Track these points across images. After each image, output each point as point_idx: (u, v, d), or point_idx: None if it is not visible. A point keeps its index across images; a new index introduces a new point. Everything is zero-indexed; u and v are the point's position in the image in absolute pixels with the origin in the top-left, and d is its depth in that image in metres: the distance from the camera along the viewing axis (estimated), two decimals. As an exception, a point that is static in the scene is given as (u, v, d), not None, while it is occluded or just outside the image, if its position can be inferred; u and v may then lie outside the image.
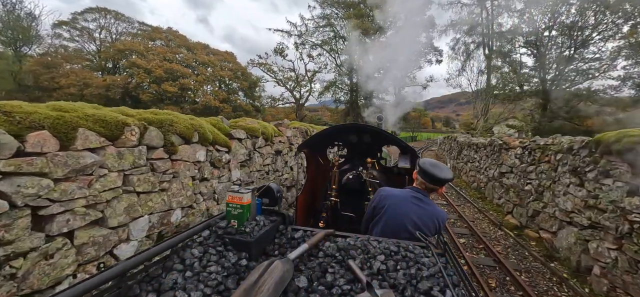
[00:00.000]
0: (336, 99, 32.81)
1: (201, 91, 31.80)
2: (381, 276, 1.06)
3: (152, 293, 0.91)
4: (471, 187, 10.95)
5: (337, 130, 3.54)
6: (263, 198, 1.56)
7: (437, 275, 1.07)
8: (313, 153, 3.60)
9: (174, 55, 30.85)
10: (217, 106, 30.33)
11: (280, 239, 1.38)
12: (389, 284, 1.02)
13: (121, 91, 26.92)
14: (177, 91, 28.43)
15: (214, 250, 1.14)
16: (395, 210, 1.74)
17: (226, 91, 33.92)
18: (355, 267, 1.06)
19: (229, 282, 0.97)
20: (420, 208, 1.73)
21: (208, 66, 33.13)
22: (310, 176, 3.50)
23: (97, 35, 30.47)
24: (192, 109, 28.30)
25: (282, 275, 0.94)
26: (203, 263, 1.06)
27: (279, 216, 1.48)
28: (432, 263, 1.15)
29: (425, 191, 1.80)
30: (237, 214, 1.29)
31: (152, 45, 31.01)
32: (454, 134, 19.79)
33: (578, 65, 19.78)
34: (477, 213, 7.74)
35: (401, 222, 1.70)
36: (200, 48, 34.80)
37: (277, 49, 32.03)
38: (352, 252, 1.20)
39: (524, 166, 6.59)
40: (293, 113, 33.69)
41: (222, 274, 1.00)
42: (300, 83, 33.36)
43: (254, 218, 1.37)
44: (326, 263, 1.13)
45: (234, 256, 1.12)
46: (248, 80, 35.13)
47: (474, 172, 10.76)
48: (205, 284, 0.94)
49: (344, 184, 2.91)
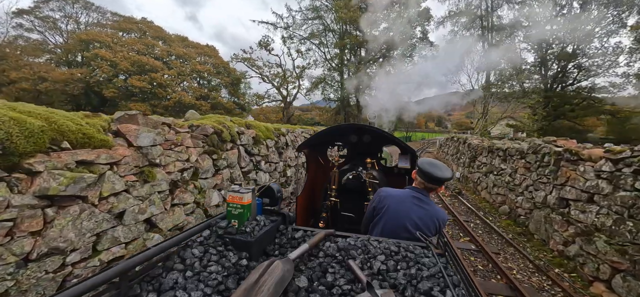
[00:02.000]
0: (326, 97, 30.44)
1: (175, 87, 28.63)
2: (381, 276, 1.06)
3: (153, 293, 0.91)
4: (499, 211, 7.60)
5: (338, 130, 3.54)
6: (263, 198, 1.56)
7: (438, 275, 1.06)
8: (313, 153, 3.60)
9: (146, 47, 27.75)
10: (193, 103, 27.17)
11: (280, 239, 1.38)
12: (389, 284, 1.02)
13: (83, 86, 24.01)
14: (146, 86, 25.28)
15: (214, 250, 1.14)
16: (395, 210, 1.74)
17: (207, 88, 31.30)
18: (356, 267, 1.05)
19: (229, 282, 0.97)
20: (421, 208, 1.72)
21: (184, 60, 30.15)
22: (310, 175, 3.50)
23: (63, 26, 27.18)
24: (165, 106, 25.85)
25: (283, 275, 0.94)
26: (203, 263, 1.06)
27: (279, 216, 1.49)
28: (432, 263, 1.15)
29: (424, 191, 1.80)
30: (237, 214, 1.29)
31: (123, 37, 27.87)
32: (461, 135, 16.74)
33: (581, 61, 19.30)
34: (534, 272, 4.49)
35: (401, 223, 1.69)
36: (178, 41, 32.04)
37: (262, 43, 28.92)
38: (352, 252, 1.20)
39: (623, 195, 3.76)
40: (281, 112, 31.52)
41: (222, 274, 1.00)
42: (288, 80, 30.57)
43: (255, 218, 1.37)
44: (326, 263, 1.13)
45: (234, 256, 1.12)
46: (231, 76, 32.37)
47: (503, 190, 7.60)
48: (206, 283, 0.94)
49: (344, 184, 2.91)
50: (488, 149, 9.24)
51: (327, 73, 30.13)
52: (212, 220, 1.36)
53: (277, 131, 7.19)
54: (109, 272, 0.85)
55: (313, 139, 3.32)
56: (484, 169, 9.33)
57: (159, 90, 26.44)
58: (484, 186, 9.18)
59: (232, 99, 33.45)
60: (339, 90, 29.37)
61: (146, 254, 0.98)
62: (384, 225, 1.75)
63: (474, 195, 9.82)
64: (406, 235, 1.63)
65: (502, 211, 7.49)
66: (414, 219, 1.68)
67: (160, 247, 1.05)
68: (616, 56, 18.18)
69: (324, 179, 3.31)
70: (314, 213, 3.53)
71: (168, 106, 26.23)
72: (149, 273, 1.00)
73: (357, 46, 28.71)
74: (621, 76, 18.58)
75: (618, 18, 17.68)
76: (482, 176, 9.44)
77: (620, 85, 18.85)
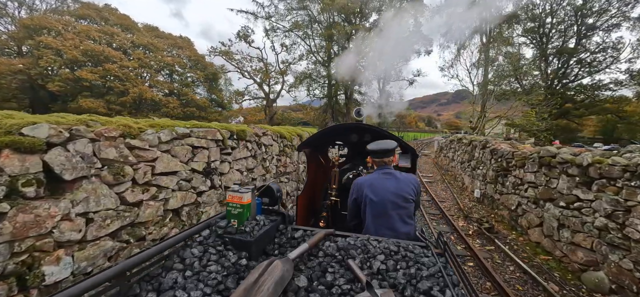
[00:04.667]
0: (311, 94, 27.70)
1: (135, 80, 24.67)
2: (381, 276, 1.06)
3: (152, 292, 0.91)
4: (582, 278, 4.17)
5: (338, 129, 3.54)
6: (263, 198, 1.56)
7: (437, 275, 1.07)
8: (314, 152, 3.60)
9: (104, 35, 24.33)
10: (158, 100, 24.41)
11: (280, 238, 1.38)
12: (389, 283, 1.02)
13: (22, 80, 20.38)
14: (98, 79, 21.86)
15: (213, 249, 1.14)
16: (375, 192, 1.90)
17: (178, 82, 28.28)
18: (355, 267, 1.06)
19: (228, 282, 0.97)
20: (394, 180, 1.93)
21: (149, 51, 26.60)
22: (310, 175, 3.51)
23: (15, 13, 23.95)
24: (123, 103, 22.51)
25: (282, 274, 0.94)
26: (203, 263, 1.07)
27: (279, 216, 1.49)
28: (431, 263, 1.15)
29: (385, 166, 2.02)
30: (237, 214, 1.29)
31: (79, 24, 24.23)
32: (475, 137, 11.62)
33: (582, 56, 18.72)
34: None
35: (385, 199, 1.87)
36: (148, 31, 29.02)
37: (241, 33, 26.03)
38: (352, 252, 1.20)
39: None
40: (263, 111, 28.74)
41: (222, 273, 1.01)
42: (270, 75, 27.80)
43: (254, 218, 1.37)
44: (326, 263, 1.13)
45: (233, 256, 1.12)
46: (206, 70, 29.23)
47: (590, 239, 4.22)
48: (205, 283, 0.94)
49: (344, 184, 2.91)
50: (537, 160, 5.53)
51: (312, 67, 27.59)
52: (212, 220, 1.36)
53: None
54: (109, 272, 0.85)
55: (314, 138, 3.32)
56: (530, 193, 5.71)
57: (115, 83, 22.75)
58: (534, 221, 5.49)
59: (210, 96, 30.41)
60: (326, 86, 27.17)
61: (146, 253, 0.99)
62: (372, 208, 1.90)
63: (515, 233, 5.94)
64: (393, 207, 1.85)
65: (588, 279, 4.07)
66: (393, 191, 1.88)
67: (160, 247, 1.06)
68: (618, 52, 17.90)
69: (324, 178, 3.32)
70: (314, 213, 3.53)
71: (126, 103, 22.78)
72: (149, 273, 1.01)
73: (345, 39, 26.55)
74: (624, 72, 18.31)
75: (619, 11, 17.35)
76: (526, 203, 5.81)
77: (622, 82, 18.62)
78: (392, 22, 19.55)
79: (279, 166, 5.39)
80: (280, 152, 5.49)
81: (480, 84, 21.86)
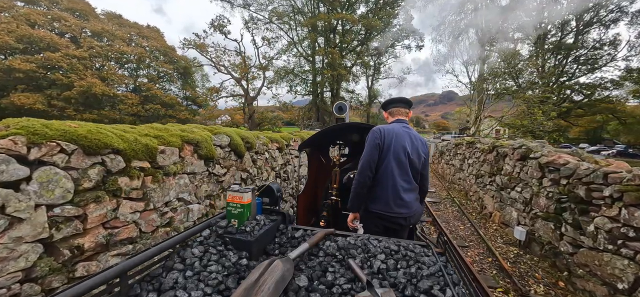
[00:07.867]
0: (294, 91, 25.41)
1: (83, 72, 21.34)
2: (381, 275, 1.06)
3: (153, 292, 0.91)
4: None
5: (339, 129, 3.54)
6: (263, 197, 1.56)
7: (438, 274, 1.07)
8: (314, 152, 3.60)
9: (50, 20, 21.04)
10: (110, 94, 21.53)
11: (280, 238, 1.38)
12: (389, 283, 1.02)
13: None
14: (35, 69, 18.69)
15: (214, 249, 1.14)
16: (398, 141, 1.92)
17: (147, 77, 25.49)
18: (356, 266, 1.06)
19: (229, 282, 0.97)
20: (409, 133, 1.99)
21: (104, 39, 23.64)
22: (311, 174, 3.51)
23: None
24: (67, 98, 19.71)
25: (283, 274, 0.94)
26: (203, 262, 1.06)
27: (279, 215, 1.49)
28: (432, 262, 1.15)
29: (402, 120, 2.07)
30: (237, 214, 1.29)
31: (20, 7, 21.01)
32: (506, 141, 6.88)
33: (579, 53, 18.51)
34: None
35: (403, 149, 1.90)
36: (110, 18, 26.18)
37: (215, 23, 23.44)
38: (352, 251, 1.20)
39: None
40: (241, 110, 26.12)
41: (222, 273, 1.01)
42: (249, 69, 25.25)
43: (255, 217, 1.37)
44: (326, 262, 1.13)
45: (234, 255, 1.12)
46: (175, 63, 26.39)
47: None
48: (206, 283, 0.94)
49: (345, 183, 2.91)
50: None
51: (294, 60, 25.30)
52: (212, 219, 1.36)
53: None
54: (109, 272, 0.85)
55: (314, 138, 3.32)
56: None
57: (57, 74, 19.60)
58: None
59: (184, 93, 27.78)
60: (310, 83, 24.90)
61: (146, 253, 0.98)
62: (393, 155, 1.89)
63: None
64: (412, 163, 1.91)
65: None
66: (408, 144, 1.93)
67: (160, 247, 1.05)
68: (615, 49, 17.79)
69: (325, 178, 3.32)
70: (315, 212, 3.53)
71: (71, 97, 19.88)
72: (149, 273, 1.01)
73: (330, 31, 24.69)
74: (622, 70, 18.20)
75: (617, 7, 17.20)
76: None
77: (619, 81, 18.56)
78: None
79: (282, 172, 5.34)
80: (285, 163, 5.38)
81: (477, 79, 21.17)
